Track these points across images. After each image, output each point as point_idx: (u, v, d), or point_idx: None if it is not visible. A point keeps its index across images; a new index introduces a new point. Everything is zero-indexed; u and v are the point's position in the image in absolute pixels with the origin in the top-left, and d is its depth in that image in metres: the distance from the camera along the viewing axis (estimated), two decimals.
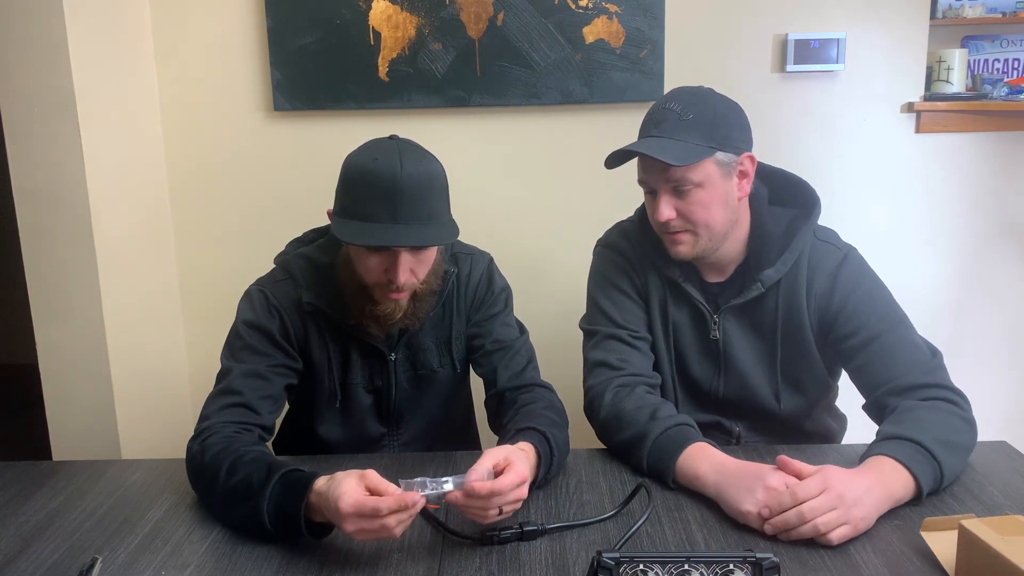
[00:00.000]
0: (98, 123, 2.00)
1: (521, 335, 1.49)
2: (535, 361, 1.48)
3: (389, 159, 1.25)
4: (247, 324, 1.38)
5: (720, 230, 1.37)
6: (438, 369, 1.48)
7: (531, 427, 1.24)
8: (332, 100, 2.25)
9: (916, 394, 1.29)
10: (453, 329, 1.47)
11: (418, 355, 1.46)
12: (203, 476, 1.20)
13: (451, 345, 1.48)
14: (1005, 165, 2.33)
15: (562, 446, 1.28)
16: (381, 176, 1.23)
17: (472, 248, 1.53)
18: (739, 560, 0.93)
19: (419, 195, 1.25)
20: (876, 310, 1.38)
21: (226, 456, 1.18)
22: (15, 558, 1.09)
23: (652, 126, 1.36)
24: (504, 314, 1.49)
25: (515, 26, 2.20)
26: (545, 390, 1.42)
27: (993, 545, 0.91)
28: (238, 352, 1.36)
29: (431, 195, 1.27)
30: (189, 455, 1.25)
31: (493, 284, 1.49)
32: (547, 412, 1.32)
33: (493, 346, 1.45)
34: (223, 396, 1.32)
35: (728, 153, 1.34)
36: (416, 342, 1.46)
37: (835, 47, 2.20)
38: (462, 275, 1.47)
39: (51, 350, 2.06)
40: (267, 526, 1.09)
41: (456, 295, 1.46)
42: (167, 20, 2.26)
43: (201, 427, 1.28)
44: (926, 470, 1.16)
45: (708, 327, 1.45)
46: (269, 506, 1.09)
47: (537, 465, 1.19)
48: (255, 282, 1.43)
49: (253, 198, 2.35)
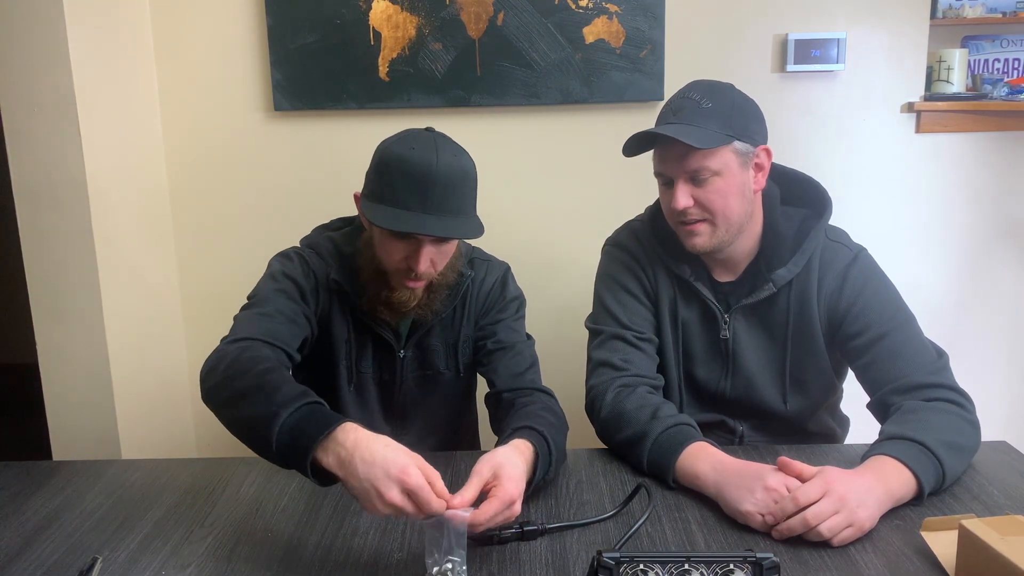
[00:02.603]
0: (98, 123, 2.00)
1: (527, 340, 1.50)
2: (538, 367, 1.48)
3: (426, 149, 1.26)
4: (285, 275, 1.38)
5: (737, 221, 1.37)
6: (444, 371, 1.49)
7: (530, 426, 1.23)
8: (332, 100, 2.25)
9: (921, 394, 1.29)
10: (461, 333, 1.48)
11: (427, 355, 1.47)
12: (235, 366, 1.14)
13: (457, 348, 1.48)
14: (1005, 165, 2.33)
15: (560, 449, 1.27)
16: (417, 165, 1.25)
17: (491, 256, 1.54)
18: (739, 560, 0.93)
19: (451, 188, 1.26)
20: (884, 309, 1.38)
21: (268, 360, 1.15)
22: (15, 558, 1.09)
23: (671, 114, 1.36)
24: (512, 319, 1.49)
25: (515, 26, 2.20)
26: (545, 395, 1.41)
27: (993, 545, 0.91)
28: (273, 292, 1.35)
29: (463, 189, 1.29)
30: (220, 351, 1.21)
31: (506, 291, 1.50)
32: (545, 414, 1.31)
33: (495, 345, 1.46)
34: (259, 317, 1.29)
35: (745, 143, 1.34)
36: (426, 343, 1.47)
37: (835, 47, 2.20)
38: (477, 280, 1.48)
39: (51, 350, 2.06)
40: (272, 434, 1.01)
41: (469, 299, 1.47)
42: (167, 20, 2.26)
43: (238, 335, 1.25)
44: (928, 470, 1.16)
45: (718, 326, 1.45)
46: (288, 419, 1.02)
47: (535, 464, 1.18)
48: (289, 248, 1.44)
49: (253, 198, 2.34)
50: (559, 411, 1.37)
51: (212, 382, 1.16)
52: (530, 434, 1.21)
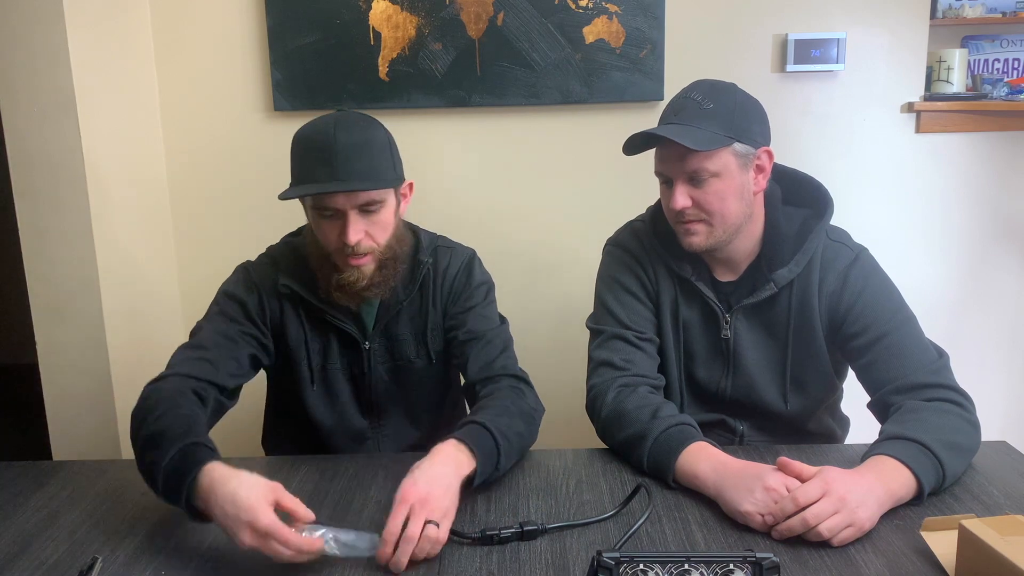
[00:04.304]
0: (98, 123, 2.00)
1: (500, 324, 1.50)
2: (510, 350, 1.47)
3: (324, 124, 1.32)
4: (226, 294, 1.45)
5: (734, 222, 1.37)
6: (415, 360, 1.49)
7: (472, 420, 1.24)
8: (332, 100, 2.25)
9: (921, 393, 1.29)
10: (429, 320, 1.48)
11: (395, 345, 1.48)
12: (139, 415, 1.22)
13: (427, 336, 1.49)
14: (1005, 165, 2.33)
15: (513, 434, 1.27)
16: (315, 139, 1.31)
17: (455, 243, 1.54)
18: (739, 560, 0.93)
19: (355, 152, 1.30)
20: (885, 310, 1.38)
21: (163, 404, 1.21)
22: (15, 558, 1.09)
23: (672, 114, 1.37)
24: (482, 306, 1.49)
25: (515, 26, 2.20)
26: (512, 379, 1.41)
27: (993, 545, 0.91)
28: (213, 316, 1.43)
29: (369, 152, 1.32)
30: (140, 395, 1.27)
31: (472, 277, 1.50)
32: (499, 402, 1.31)
33: (466, 336, 1.46)
34: (190, 349, 1.37)
35: (746, 145, 1.34)
36: (394, 333, 1.48)
37: (835, 47, 2.20)
38: (440, 267, 1.49)
39: (51, 350, 2.06)
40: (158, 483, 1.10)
41: (433, 287, 1.48)
42: (167, 20, 2.26)
43: (163, 373, 1.32)
44: (928, 470, 1.16)
45: (719, 326, 1.45)
46: (168, 465, 1.09)
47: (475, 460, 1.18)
48: (244, 261, 1.50)
49: (253, 198, 2.35)
50: (525, 393, 1.38)
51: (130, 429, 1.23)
52: (469, 430, 1.22)
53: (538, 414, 1.38)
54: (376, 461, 1.36)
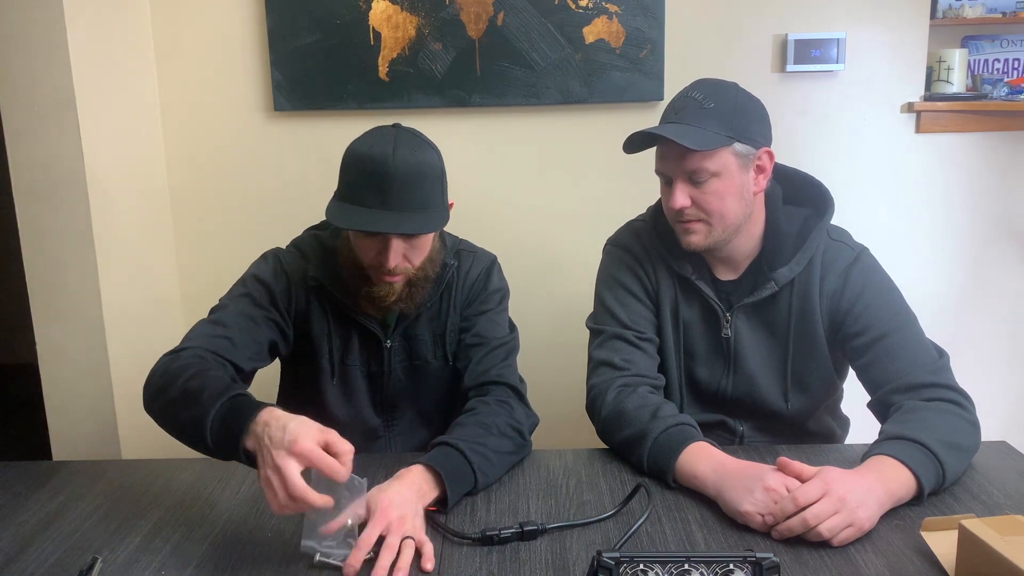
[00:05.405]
0: (98, 123, 2.00)
1: (509, 333, 1.50)
2: (512, 359, 1.47)
3: (383, 146, 1.28)
4: (255, 278, 1.43)
5: (733, 222, 1.37)
6: (432, 360, 1.49)
7: (443, 442, 1.24)
8: (332, 100, 2.25)
9: (921, 393, 1.29)
10: (448, 322, 1.48)
11: (414, 345, 1.48)
12: (164, 377, 1.21)
13: (445, 338, 1.49)
14: (1005, 165, 2.32)
15: (490, 451, 1.26)
16: (373, 162, 1.27)
17: (478, 248, 1.54)
18: (739, 560, 0.93)
19: (410, 183, 1.27)
20: (886, 309, 1.38)
21: (193, 367, 1.20)
22: (15, 558, 1.09)
23: (672, 113, 1.37)
24: (494, 312, 1.49)
25: (515, 26, 2.20)
26: (505, 389, 1.40)
27: (993, 545, 0.91)
28: (238, 297, 1.41)
29: (423, 183, 1.29)
30: (157, 364, 1.26)
31: (489, 282, 1.50)
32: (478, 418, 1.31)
33: (472, 339, 1.46)
34: (211, 325, 1.36)
35: (746, 145, 1.34)
36: (413, 332, 1.47)
37: (835, 47, 2.20)
38: (462, 271, 1.49)
39: (51, 350, 2.06)
40: (207, 435, 1.09)
41: (454, 290, 1.48)
42: (167, 20, 2.26)
43: (181, 346, 1.30)
44: (928, 470, 1.16)
45: (720, 325, 1.45)
46: (215, 417, 1.09)
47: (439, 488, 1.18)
48: (273, 248, 1.48)
49: (253, 198, 2.35)
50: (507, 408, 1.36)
51: (147, 394, 1.24)
52: (437, 453, 1.21)
53: (526, 426, 1.37)
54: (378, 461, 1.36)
